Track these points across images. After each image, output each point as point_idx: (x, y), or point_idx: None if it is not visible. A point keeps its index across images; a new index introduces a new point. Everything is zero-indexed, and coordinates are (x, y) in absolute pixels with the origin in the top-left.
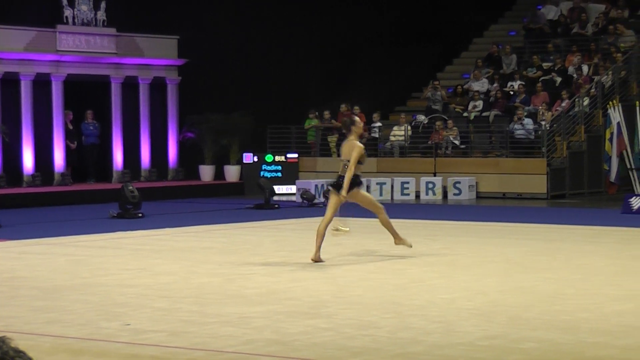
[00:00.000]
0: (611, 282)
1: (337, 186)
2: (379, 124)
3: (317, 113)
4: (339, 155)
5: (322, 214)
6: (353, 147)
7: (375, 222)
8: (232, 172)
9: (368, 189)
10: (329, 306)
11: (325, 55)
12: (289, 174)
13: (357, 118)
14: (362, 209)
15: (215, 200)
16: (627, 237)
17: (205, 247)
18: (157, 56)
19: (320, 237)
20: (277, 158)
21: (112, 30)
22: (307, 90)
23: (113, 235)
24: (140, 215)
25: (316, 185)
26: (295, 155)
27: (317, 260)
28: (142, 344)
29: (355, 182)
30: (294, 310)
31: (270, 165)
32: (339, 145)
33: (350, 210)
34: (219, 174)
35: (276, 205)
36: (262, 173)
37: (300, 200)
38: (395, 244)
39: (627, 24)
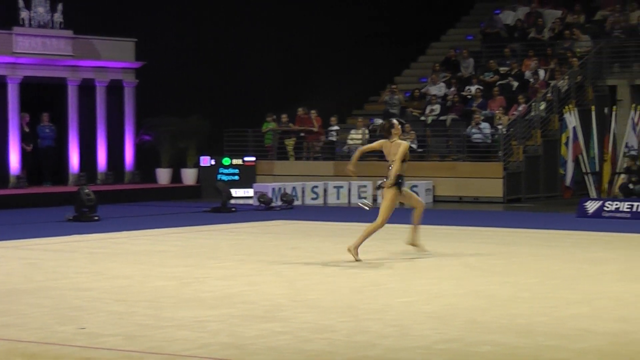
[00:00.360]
0: (567, 286)
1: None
2: (336, 127)
3: (274, 116)
4: (297, 159)
5: (279, 217)
6: (399, 145)
7: (333, 225)
8: (189, 176)
9: (325, 192)
10: (285, 310)
11: (283, 59)
12: (246, 178)
13: (394, 121)
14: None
15: (172, 204)
16: (582, 241)
17: (162, 250)
18: (114, 59)
19: (367, 235)
20: (235, 161)
21: (69, 33)
22: (264, 93)
23: (69, 238)
24: (96, 218)
25: (273, 189)
26: (253, 159)
27: (354, 252)
28: (97, 348)
29: (398, 182)
30: (249, 314)
31: (227, 169)
32: (296, 148)
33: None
34: (176, 177)
35: (233, 209)
36: (219, 176)
37: (257, 203)
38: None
39: (583, 29)
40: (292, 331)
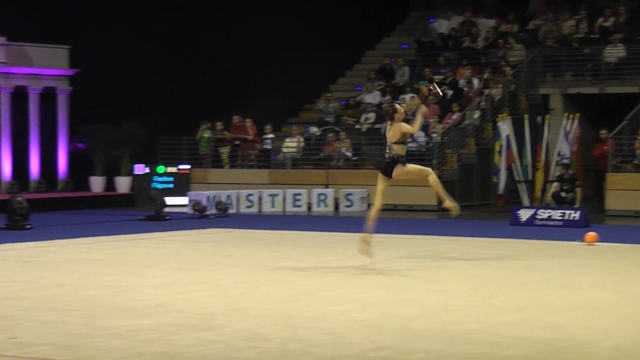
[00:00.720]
0: (499, 294)
1: (391, 164)
2: (271, 135)
3: (209, 124)
4: (231, 167)
5: (214, 225)
6: (399, 126)
7: (267, 233)
8: (123, 184)
9: (260, 200)
10: (219, 318)
11: (218, 66)
12: (181, 186)
13: (397, 105)
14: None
15: (106, 212)
16: (515, 249)
17: (95, 259)
18: (47, 66)
19: (438, 187)
20: (169, 169)
21: (2, 39)
22: (199, 101)
23: (1, 247)
24: (28, 227)
25: (208, 197)
26: (187, 167)
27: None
28: (29, 358)
29: (400, 160)
30: (183, 323)
31: (161, 177)
32: (231, 156)
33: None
34: (110, 185)
35: (167, 217)
36: (153, 184)
37: (191, 211)
38: (444, 207)
39: (517, 38)
40: (226, 340)
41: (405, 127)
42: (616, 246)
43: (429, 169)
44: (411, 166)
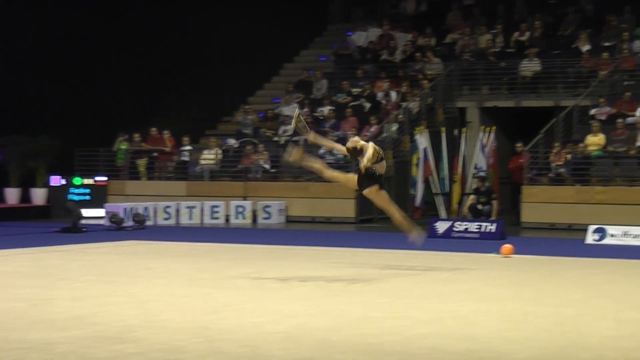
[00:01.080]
0: (417, 305)
1: (371, 179)
2: (189, 147)
3: (126, 136)
4: (149, 179)
5: (131, 237)
6: (368, 150)
7: (185, 245)
8: (38, 195)
9: (177, 212)
10: (137, 331)
11: (136, 78)
12: (98, 197)
13: (362, 142)
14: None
15: (21, 224)
16: (431, 261)
17: (10, 271)
18: None
19: (402, 221)
20: (86, 181)
21: None
22: (116, 112)
23: None
24: None
25: (125, 209)
26: (104, 179)
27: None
28: None
29: (379, 181)
30: (100, 335)
31: (78, 189)
32: (148, 168)
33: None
34: (25, 197)
35: (84, 229)
36: (69, 196)
37: (108, 223)
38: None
39: (435, 51)
40: (144, 352)
41: (367, 157)
42: (531, 258)
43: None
44: (383, 195)
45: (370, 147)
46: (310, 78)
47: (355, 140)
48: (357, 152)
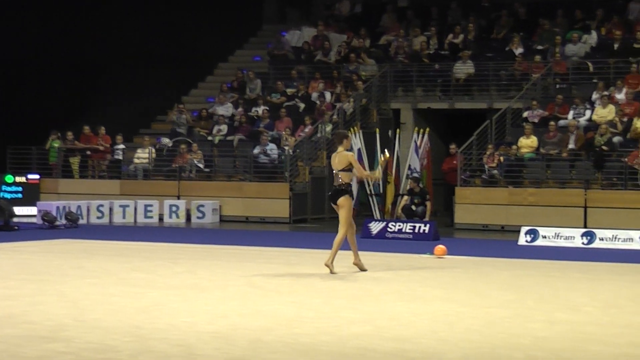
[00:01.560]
0: (350, 306)
1: (338, 195)
2: (122, 146)
3: (59, 134)
4: (82, 177)
5: (63, 236)
6: (346, 156)
7: (118, 244)
8: None
9: (111, 211)
10: (69, 330)
11: (68, 75)
12: (30, 195)
13: (349, 134)
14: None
15: None
16: (365, 261)
17: None
18: None
19: (338, 246)
20: (18, 179)
21: None
22: (49, 110)
23: None
24: None
25: (58, 207)
26: (37, 177)
27: (330, 267)
28: None
29: (347, 191)
30: (32, 334)
31: (10, 186)
32: (81, 167)
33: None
34: None
35: (16, 227)
36: (1, 194)
37: (41, 222)
38: (353, 263)
39: (369, 53)
40: (75, 351)
41: (358, 167)
42: (464, 259)
43: (349, 228)
44: (348, 207)
45: (358, 166)
46: (244, 78)
47: (349, 140)
48: (340, 139)
